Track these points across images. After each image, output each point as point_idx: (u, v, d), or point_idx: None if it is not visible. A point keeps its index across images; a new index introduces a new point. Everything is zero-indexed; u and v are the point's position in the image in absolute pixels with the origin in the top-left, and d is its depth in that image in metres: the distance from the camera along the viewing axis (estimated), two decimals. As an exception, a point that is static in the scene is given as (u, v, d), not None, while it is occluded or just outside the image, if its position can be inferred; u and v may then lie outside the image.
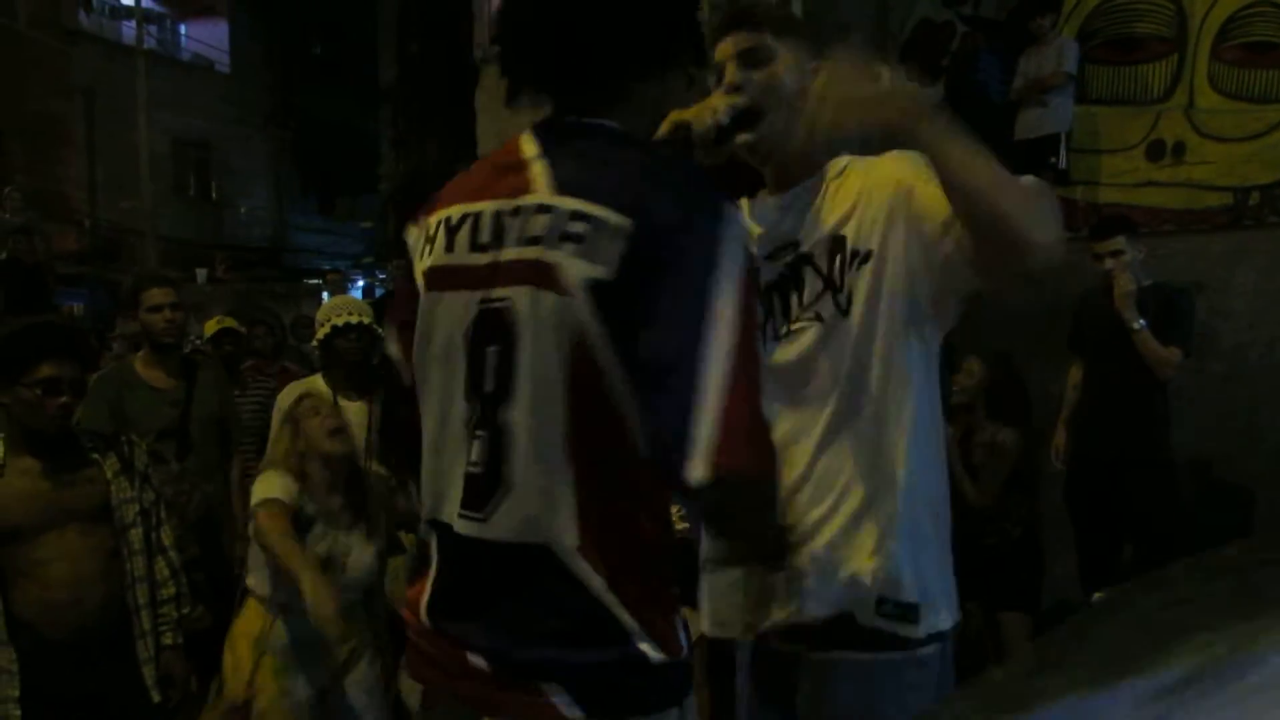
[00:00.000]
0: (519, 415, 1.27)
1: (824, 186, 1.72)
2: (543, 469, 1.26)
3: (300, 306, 10.96)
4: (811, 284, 1.68)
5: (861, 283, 1.64)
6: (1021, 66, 5.84)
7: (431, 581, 1.39)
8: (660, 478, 1.24)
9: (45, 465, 2.70)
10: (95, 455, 2.81)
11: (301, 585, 2.62)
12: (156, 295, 3.78)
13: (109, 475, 2.80)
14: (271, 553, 2.83)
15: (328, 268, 21.46)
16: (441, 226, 1.38)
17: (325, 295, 15.62)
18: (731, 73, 1.66)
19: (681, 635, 1.33)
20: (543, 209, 1.27)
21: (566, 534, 1.26)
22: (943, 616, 1.67)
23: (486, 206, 1.33)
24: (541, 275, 1.25)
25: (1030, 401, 4.79)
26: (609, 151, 1.32)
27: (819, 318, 1.67)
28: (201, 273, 15.05)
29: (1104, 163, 5.69)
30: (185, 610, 2.93)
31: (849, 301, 1.65)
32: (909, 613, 1.62)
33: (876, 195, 1.64)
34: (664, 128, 1.60)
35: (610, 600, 1.26)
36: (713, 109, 1.67)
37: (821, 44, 1.70)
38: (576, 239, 1.23)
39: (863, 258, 1.64)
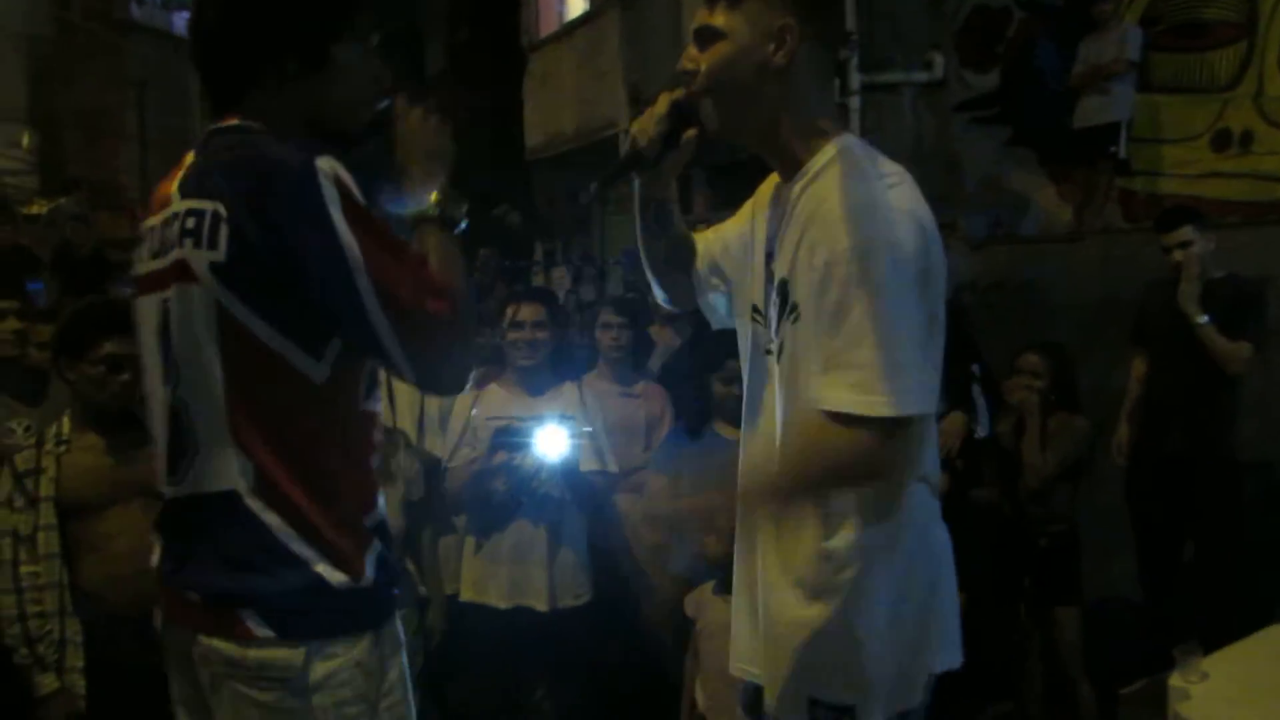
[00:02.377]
0: (186, 391, 1.49)
1: (793, 204, 1.58)
2: (213, 430, 1.46)
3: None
4: (771, 314, 1.64)
5: (794, 338, 1.56)
6: (1082, 53, 5.73)
7: (157, 547, 1.62)
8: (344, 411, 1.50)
9: (109, 441, 2.74)
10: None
11: None
12: None
13: (163, 452, 2.83)
14: None
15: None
16: (143, 239, 1.59)
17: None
18: (687, 54, 1.61)
19: (370, 564, 1.50)
20: (174, 216, 1.47)
21: (241, 480, 1.45)
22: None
23: (155, 220, 1.54)
24: (181, 272, 1.45)
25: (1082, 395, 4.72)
26: (226, 149, 1.49)
27: (769, 351, 1.65)
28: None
29: (1166, 153, 5.60)
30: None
31: (780, 349, 1.61)
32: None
33: (814, 254, 1.49)
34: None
35: (287, 534, 1.45)
36: (643, 130, 1.67)
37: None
38: (193, 233, 1.43)
39: (793, 311, 1.56)
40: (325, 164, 1.42)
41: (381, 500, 1.59)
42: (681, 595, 3.27)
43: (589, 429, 3.34)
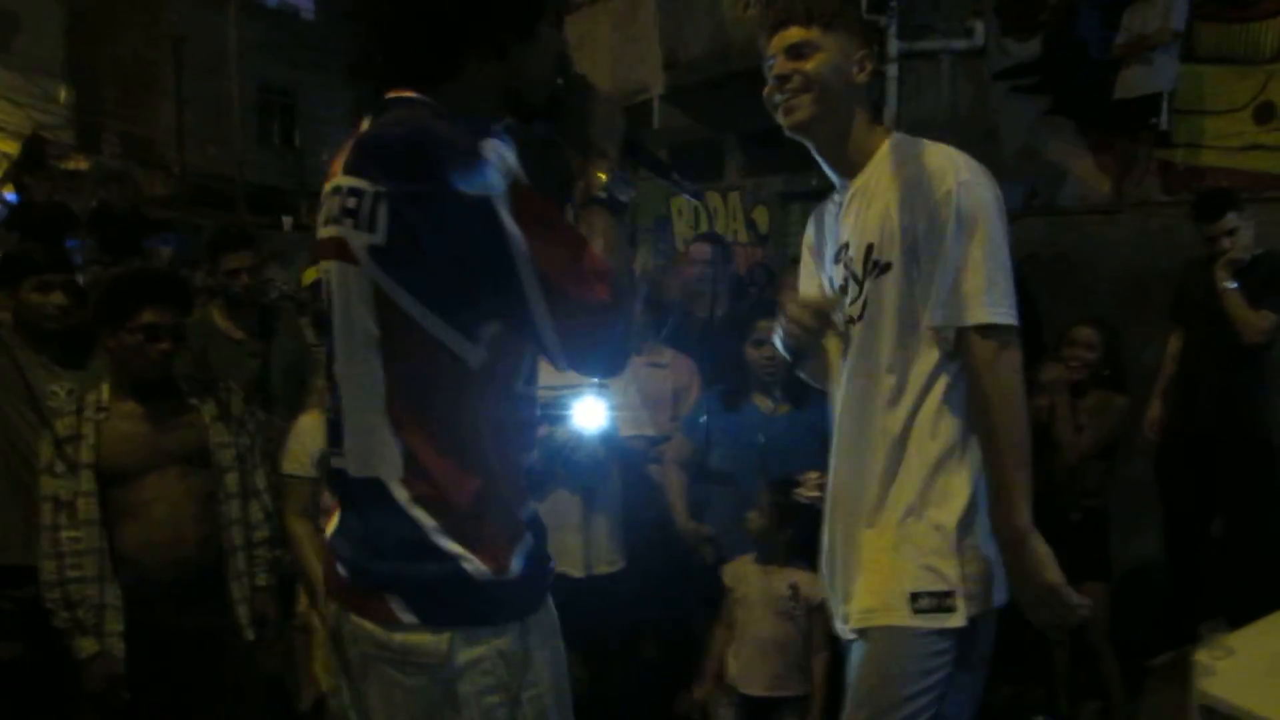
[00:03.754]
0: (342, 370, 1.49)
1: (866, 185, 1.93)
2: (367, 415, 1.46)
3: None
4: (851, 287, 1.94)
5: (880, 290, 1.87)
6: (1125, 22, 5.61)
7: (335, 510, 1.61)
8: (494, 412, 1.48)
9: (147, 409, 2.80)
10: (194, 400, 2.90)
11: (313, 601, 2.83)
12: (234, 260, 3.81)
13: (207, 420, 2.89)
14: (299, 563, 3.00)
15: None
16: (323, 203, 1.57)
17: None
18: (780, 65, 1.90)
19: (517, 560, 1.49)
20: (336, 190, 1.45)
21: (391, 470, 1.45)
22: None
23: (326, 188, 1.50)
24: (339, 250, 1.44)
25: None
26: (391, 125, 1.45)
27: (853, 319, 1.94)
28: (288, 220, 15.29)
29: (1208, 124, 5.49)
30: (278, 552, 3.02)
31: (864, 307, 1.90)
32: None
33: (909, 210, 1.83)
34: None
35: (430, 526, 1.44)
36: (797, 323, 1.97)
37: (872, 32, 1.85)
38: (352, 213, 1.41)
39: (883, 268, 1.87)
40: (490, 147, 1.38)
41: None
42: (717, 565, 3.30)
43: (627, 396, 3.37)
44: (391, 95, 1.50)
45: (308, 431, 3.05)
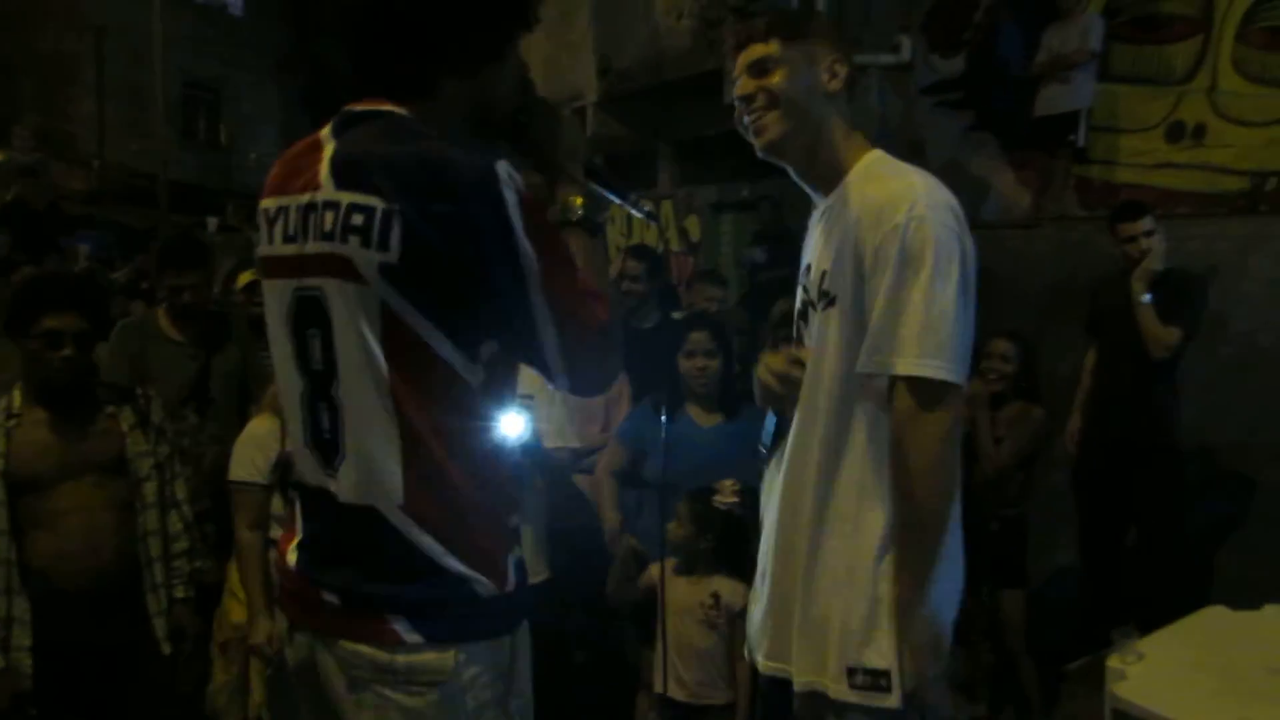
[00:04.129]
0: (345, 392, 1.45)
1: (834, 205, 1.82)
2: (369, 439, 1.44)
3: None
4: (809, 314, 1.85)
5: (826, 324, 1.77)
6: (1045, 41, 5.78)
7: (299, 532, 1.57)
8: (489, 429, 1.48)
9: (60, 416, 2.72)
10: (111, 408, 2.83)
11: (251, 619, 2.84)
12: (180, 278, 3.70)
13: (124, 428, 2.82)
14: (242, 576, 2.96)
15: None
16: (264, 218, 1.54)
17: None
18: (743, 84, 1.83)
19: (512, 572, 1.51)
20: (329, 205, 1.41)
21: (393, 494, 1.43)
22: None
23: (291, 201, 1.48)
24: (341, 267, 1.40)
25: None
26: (389, 141, 1.43)
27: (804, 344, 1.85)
28: (213, 220, 14.96)
29: (1123, 142, 5.66)
30: (198, 564, 2.96)
31: (812, 339, 1.81)
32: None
33: (857, 241, 1.71)
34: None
35: (436, 550, 1.44)
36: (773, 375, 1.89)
37: (845, 35, 1.81)
38: (360, 231, 1.38)
39: (830, 300, 1.77)
40: (504, 168, 1.38)
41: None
42: (639, 573, 3.31)
43: (554, 407, 3.36)
44: (361, 108, 1.49)
45: (261, 437, 2.99)
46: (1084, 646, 3.87)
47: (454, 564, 1.44)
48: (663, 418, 3.17)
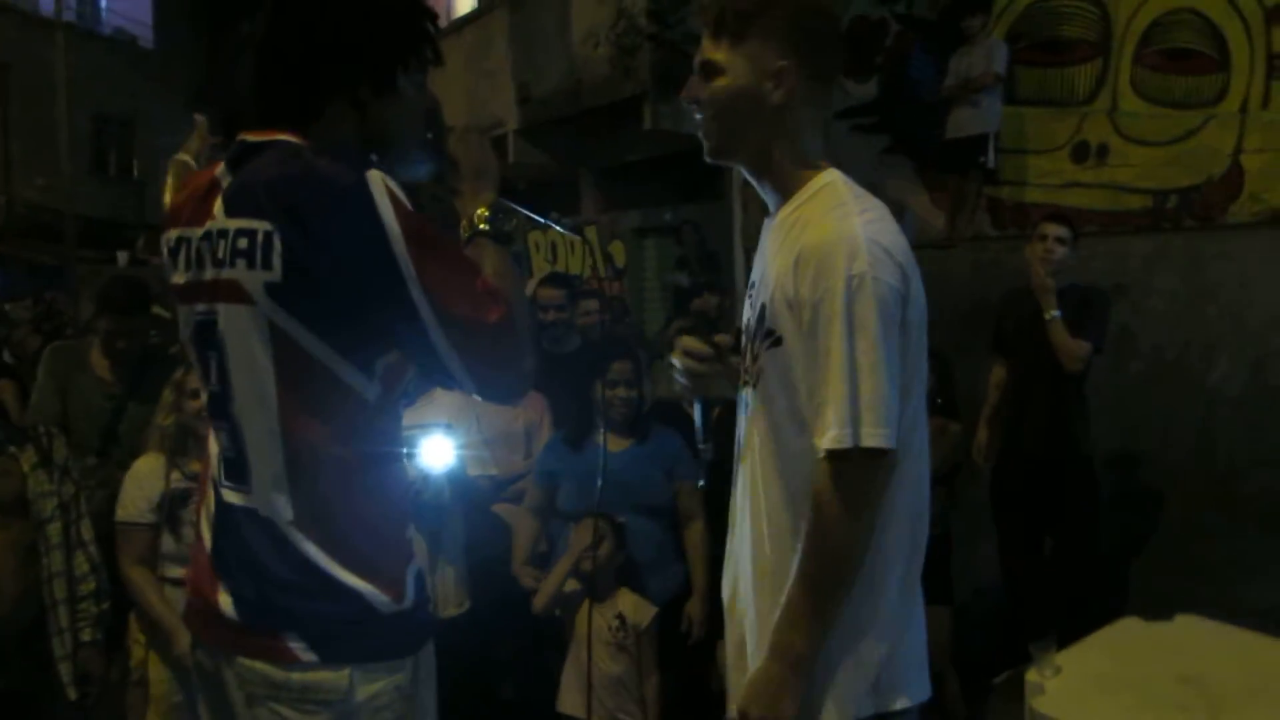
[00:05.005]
0: (241, 411, 1.49)
1: (786, 221, 1.67)
2: (264, 455, 1.47)
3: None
4: (748, 341, 1.73)
5: (773, 364, 1.64)
6: (952, 66, 5.91)
7: (208, 545, 1.57)
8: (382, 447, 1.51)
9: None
10: (12, 448, 2.73)
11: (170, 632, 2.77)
12: (117, 322, 3.63)
13: (26, 469, 2.72)
14: (143, 605, 2.90)
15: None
16: (167, 249, 1.59)
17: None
18: (692, 85, 1.70)
19: (410, 586, 1.51)
20: (221, 233, 1.46)
21: (284, 509, 1.45)
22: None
23: (192, 233, 1.53)
24: (230, 291, 1.44)
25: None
26: (273, 165, 1.46)
27: (746, 381, 1.73)
28: (123, 255, 14.61)
29: (1031, 163, 5.81)
30: (105, 605, 2.86)
31: (758, 376, 1.68)
32: None
33: (796, 289, 1.58)
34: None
35: (329, 565, 1.45)
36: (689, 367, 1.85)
37: (807, 21, 1.66)
38: (246, 254, 1.42)
39: (775, 340, 1.63)
40: (376, 176, 1.41)
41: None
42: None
43: (475, 435, 3.33)
44: (256, 138, 1.52)
45: (144, 475, 2.91)
46: (1008, 660, 3.92)
47: (349, 579, 1.45)
48: (601, 444, 3.14)
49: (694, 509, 3.48)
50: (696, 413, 2.01)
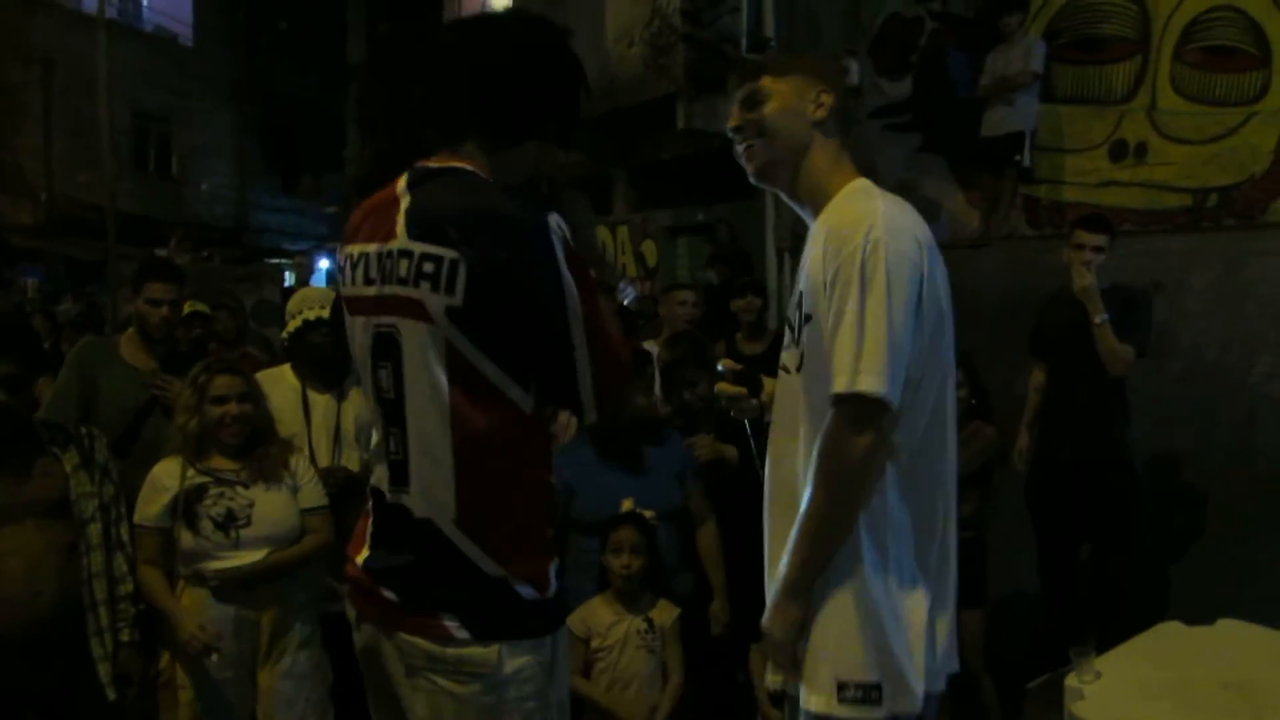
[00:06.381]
0: (412, 418, 1.65)
1: (818, 229, 1.87)
2: (431, 460, 1.64)
3: (262, 290, 10.76)
4: (789, 336, 1.93)
5: (811, 342, 1.83)
6: (989, 64, 5.85)
7: (369, 534, 1.77)
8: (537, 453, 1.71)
9: (1, 459, 2.66)
10: (55, 449, 2.77)
11: (174, 622, 2.84)
12: (158, 289, 3.66)
13: (68, 469, 2.77)
14: (152, 603, 2.92)
15: (291, 248, 21.16)
16: (347, 262, 1.75)
17: (289, 277, 15.42)
18: (735, 116, 1.96)
19: (553, 578, 1.71)
20: (404, 253, 1.62)
21: (448, 509, 1.63)
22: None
23: (371, 249, 1.69)
24: (413, 308, 1.61)
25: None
26: (457, 195, 1.64)
27: (788, 370, 1.92)
28: (161, 252, 14.79)
29: (1067, 162, 5.74)
30: (143, 605, 2.90)
31: (801, 359, 1.87)
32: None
33: (822, 264, 1.79)
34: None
35: (485, 561, 1.63)
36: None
37: (830, 68, 1.98)
38: (430, 277, 1.58)
39: (808, 318, 1.83)
40: (555, 221, 1.60)
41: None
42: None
43: None
44: (434, 165, 1.69)
45: (160, 480, 2.95)
46: (1044, 664, 3.89)
47: (502, 574, 1.64)
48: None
49: (705, 511, 3.50)
50: (748, 434, 2.19)
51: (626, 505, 3.26)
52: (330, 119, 19.39)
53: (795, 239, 7.26)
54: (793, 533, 1.79)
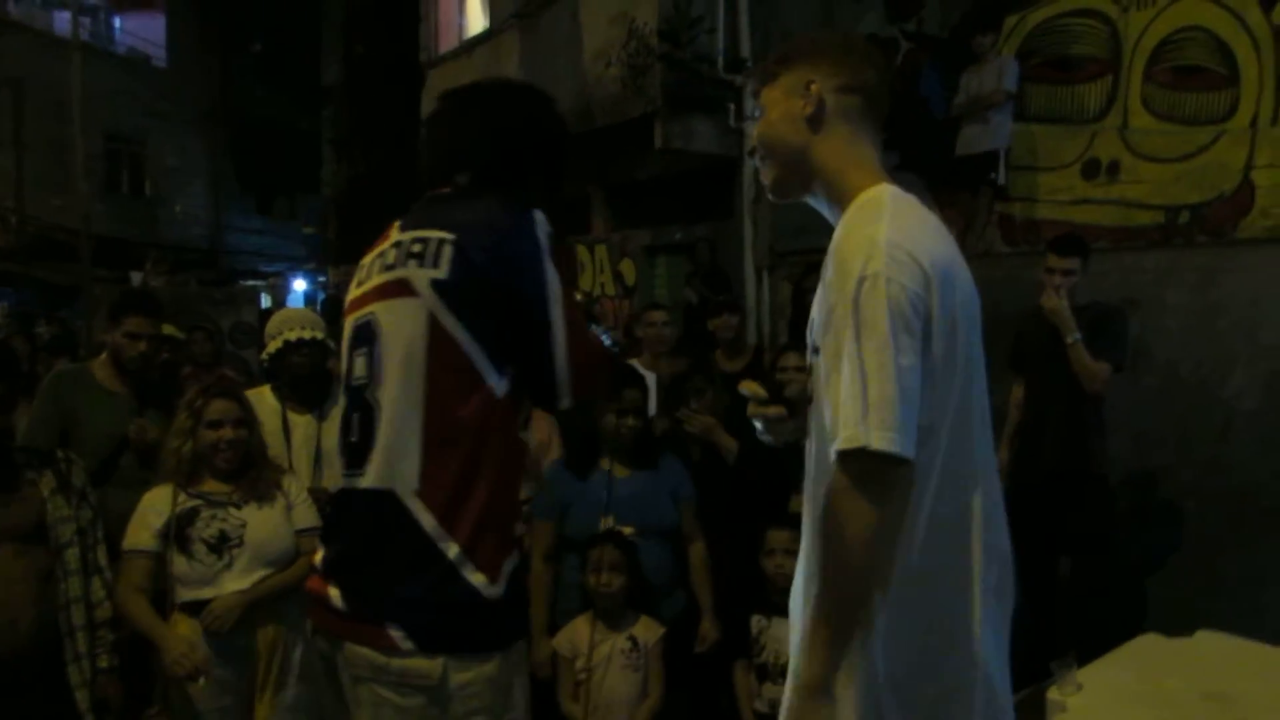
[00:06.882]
0: (383, 391, 1.70)
1: (832, 245, 1.62)
2: (399, 427, 1.67)
3: (240, 312, 10.70)
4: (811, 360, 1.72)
5: (815, 375, 1.63)
6: (963, 83, 5.92)
7: (323, 545, 1.82)
8: (516, 417, 1.77)
9: (-24, 485, 2.63)
10: (30, 473, 2.74)
11: (160, 645, 2.77)
12: (138, 324, 3.64)
13: (45, 493, 2.73)
14: (137, 627, 2.87)
15: (266, 269, 21.07)
16: (356, 279, 1.86)
17: (264, 299, 15.35)
18: (748, 141, 1.94)
19: (506, 571, 1.71)
20: (395, 245, 1.75)
21: (409, 478, 1.66)
22: None
23: (367, 260, 1.84)
24: (398, 288, 1.70)
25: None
26: (450, 200, 1.81)
27: (809, 399, 1.69)
28: (136, 275, 14.68)
29: (1041, 180, 5.80)
30: (122, 632, 2.86)
31: (813, 393, 1.65)
32: None
33: (826, 296, 1.57)
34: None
35: (441, 537, 1.65)
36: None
37: (835, 46, 1.76)
38: (418, 255, 1.70)
39: (816, 351, 1.64)
40: (539, 215, 1.74)
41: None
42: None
43: None
44: (434, 194, 1.87)
45: (152, 504, 2.92)
46: (1025, 677, 3.90)
47: (456, 554, 1.65)
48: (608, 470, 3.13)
49: (695, 530, 3.49)
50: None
51: (605, 523, 3.25)
52: (305, 140, 19.37)
53: (774, 257, 7.29)
54: (804, 627, 1.56)
